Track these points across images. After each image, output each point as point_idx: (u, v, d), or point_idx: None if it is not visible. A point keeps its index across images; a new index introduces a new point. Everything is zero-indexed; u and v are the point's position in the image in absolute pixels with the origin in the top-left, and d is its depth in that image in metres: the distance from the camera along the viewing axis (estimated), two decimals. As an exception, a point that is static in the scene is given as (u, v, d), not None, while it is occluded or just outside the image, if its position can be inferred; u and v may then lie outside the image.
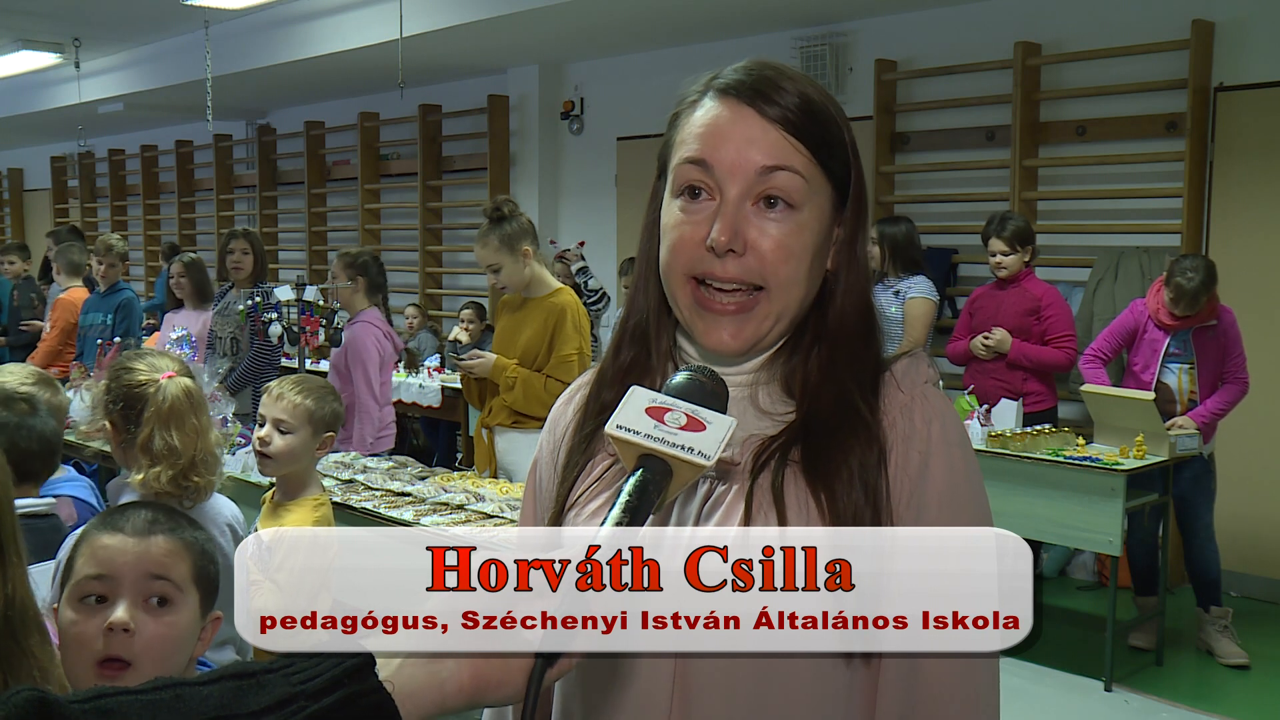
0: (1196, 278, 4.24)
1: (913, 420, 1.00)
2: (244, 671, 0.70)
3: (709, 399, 0.90)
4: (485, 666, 0.76)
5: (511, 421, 3.96)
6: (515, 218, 3.88)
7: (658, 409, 0.88)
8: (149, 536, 1.45)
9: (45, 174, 13.99)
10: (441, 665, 0.74)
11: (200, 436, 2.13)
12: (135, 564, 1.42)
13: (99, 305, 6.16)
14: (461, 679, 0.75)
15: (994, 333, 4.75)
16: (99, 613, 1.39)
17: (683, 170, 1.02)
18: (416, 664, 0.74)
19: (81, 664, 1.38)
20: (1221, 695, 4.17)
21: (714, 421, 0.87)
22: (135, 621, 1.39)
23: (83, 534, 1.50)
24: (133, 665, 1.38)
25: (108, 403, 2.19)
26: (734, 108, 1.01)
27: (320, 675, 0.70)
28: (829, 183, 1.02)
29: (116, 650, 1.38)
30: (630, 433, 0.86)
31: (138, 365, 2.17)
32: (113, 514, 1.53)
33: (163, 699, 0.67)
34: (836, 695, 0.96)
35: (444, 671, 0.74)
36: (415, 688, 0.73)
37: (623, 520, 0.81)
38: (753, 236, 0.99)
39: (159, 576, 1.43)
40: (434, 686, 0.74)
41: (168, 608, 1.43)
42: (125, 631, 1.38)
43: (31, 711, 0.64)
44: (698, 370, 0.93)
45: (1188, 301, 4.26)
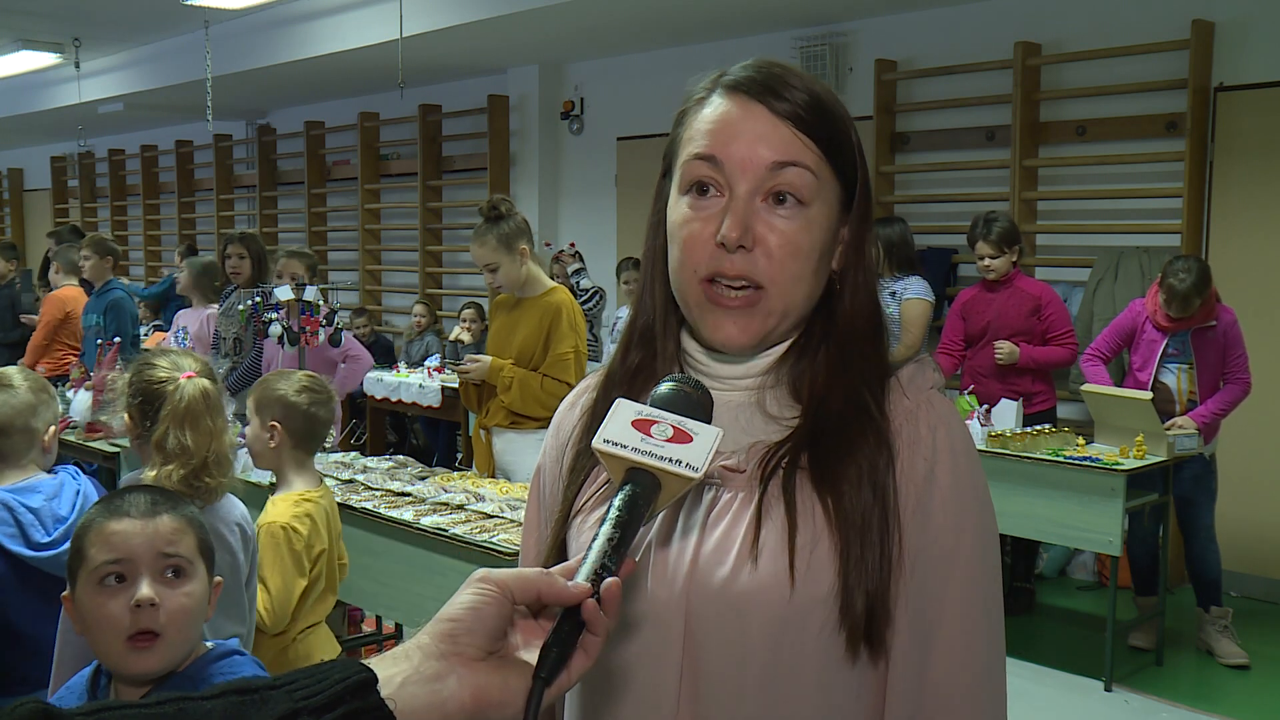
0: (1189, 279, 4.24)
1: (918, 427, 0.99)
2: (247, 687, 0.70)
3: (695, 409, 0.90)
4: (487, 686, 0.76)
5: (509, 422, 3.96)
6: (511, 217, 3.88)
7: (644, 421, 0.88)
8: (155, 517, 1.56)
9: (45, 174, 13.99)
10: (443, 684, 0.74)
11: (214, 438, 2.15)
12: (148, 544, 1.53)
13: (93, 306, 6.16)
14: (463, 698, 0.75)
15: (1000, 347, 4.71)
16: (121, 592, 1.51)
17: (691, 166, 1.01)
18: (418, 682, 0.74)
19: (113, 641, 1.50)
20: (1221, 695, 4.17)
21: (701, 433, 0.87)
22: (159, 595, 1.51)
23: (87, 523, 1.57)
24: (161, 635, 1.51)
25: (129, 395, 2.23)
26: (744, 104, 1.00)
27: (322, 692, 0.70)
28: (837, 181, 1.02)
29: (145, 624, 1.50)
30: (617, 446, 0.86)
31: (160, 362, 2.20)
32: (112, 501, 1.59)
33: (166, 713, 0.67)
34: (844, 696, 0.96)
35: (445, 690, 0.74)
36: (417, 706, 0.73)
37: (614, 536, 0.82)
38: (761, 232, 0.98)
39: (171, 553, 1.54)
40: (435, 705, 0.74)
41: (183, 578, 1.55)
42: (152, 606, 1.50)
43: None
44: (683, 381, 0.93)
45: (1179, 303, 4.26)
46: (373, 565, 3.36)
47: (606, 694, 1.00)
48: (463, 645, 0.76)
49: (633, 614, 0.98)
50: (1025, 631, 4.75)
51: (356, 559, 3.33)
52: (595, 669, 0.81)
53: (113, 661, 1.53)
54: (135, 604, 1.49)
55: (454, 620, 0.76)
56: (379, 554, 3.35)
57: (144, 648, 1.50)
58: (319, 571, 2.62)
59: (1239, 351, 4.42)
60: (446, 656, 0.75)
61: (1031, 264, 5.94)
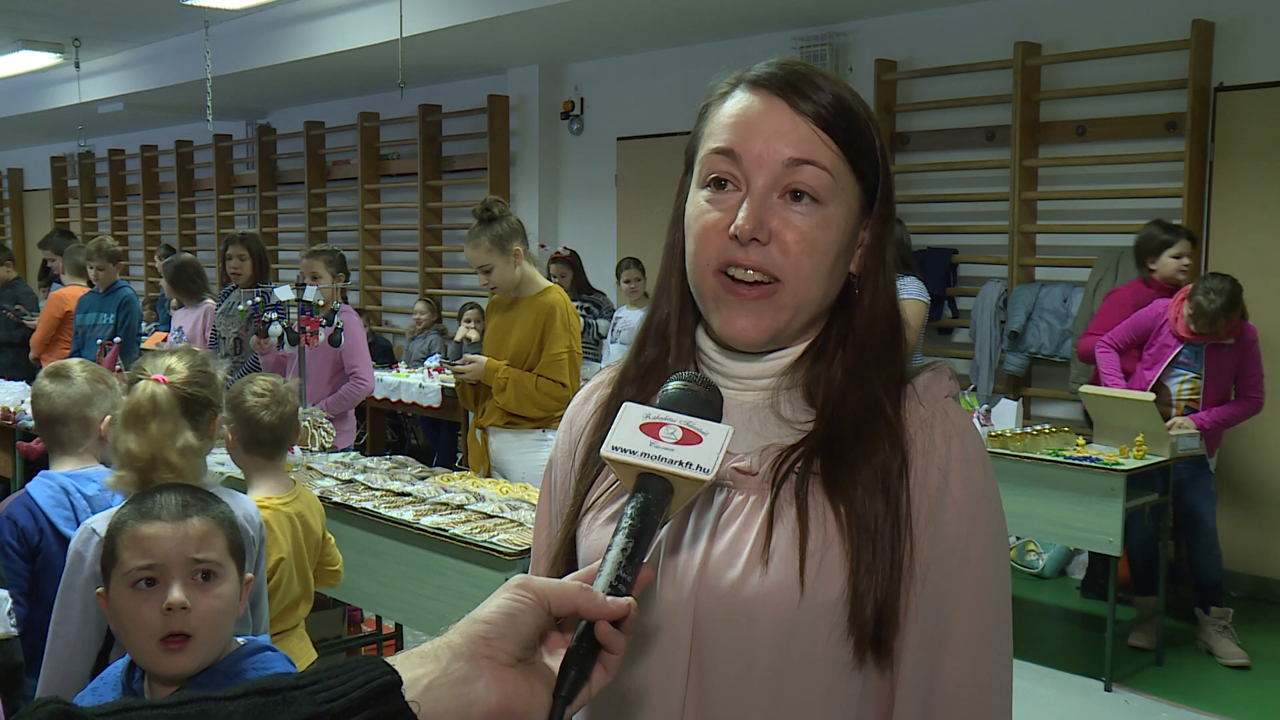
0: (1219, 301, 4.20)
1: (933, 436, 0.99)
2: (270, 687, 0.69)
3: (703, 408, 0.89)
4: (514, 694, 0.75)
5: (504, 422, 3.97)
6: (505, 218, 3.90)
7: (652, 424, 0.86)
8: (185, 519, 1.57)
9: (45, 174, 13.99)
10: (470, 688, 0.73)
11: (160, 443, 2.01)
12: (179, 548, 1.55)
13: (99, 305, 6.17)
14: (489, 703, 0.74)
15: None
16: (153, 595, 1.53)
17: (710, 160, 1.01)
18: (444, 686, 0.72)
19: (145, 642, 1.53)
20: (1221, 695, 4.17)
21: (710, 432, 0.86)
22: (190, 599, 1.53)
23: (119, 524, 1.58)
24: (192, 637, 1.53)
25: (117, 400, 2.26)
26: (766, 99, 1.00)
27: (346, 695, 0.69)
28: (858, 183, 1.02)
29: (176, 626, 1.52)
30: (626, 453, 0.85)
31: (144, 365, 2.16)
32: (144, 502, 1.60)
33: (188, 714, 0.67)
34: (850, 703, 0.96)
35: (472, 694, 0.73)
36: (442, 710, 0.72)
37: (628, 546, 0.81)
38: (777, 227, 0.98)
39: (202, 557, 1.56)
40: (461, 709, 0.73)
41: (213, 581, 1.57)
42: (183, 609, 1.52)
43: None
44: (690, 379, 0.92)
45: (1205, 321, 4.23)
46: (373, 565, 3.36)
47: (614, 696, 1.00)
48: (495, 649, 0.75)
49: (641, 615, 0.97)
50: (1025, 631, 4.75)
51: (356, 559, 3.33)
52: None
53: (146, 661, 1.56)
54: (166, 608, 1.51)
55: (489, 623, 0.76)
56: (379, 554, 3.35)
57: (176, 649, 1.52)
58: (279, 580, 2.59)
59: (1256, 369, 4.40)
60: (477, 659, 0.74)
61: (1031, 264, 5.94)
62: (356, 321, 4.94)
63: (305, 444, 4.04)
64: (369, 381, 4.84)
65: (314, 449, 4.06)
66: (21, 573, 2.33)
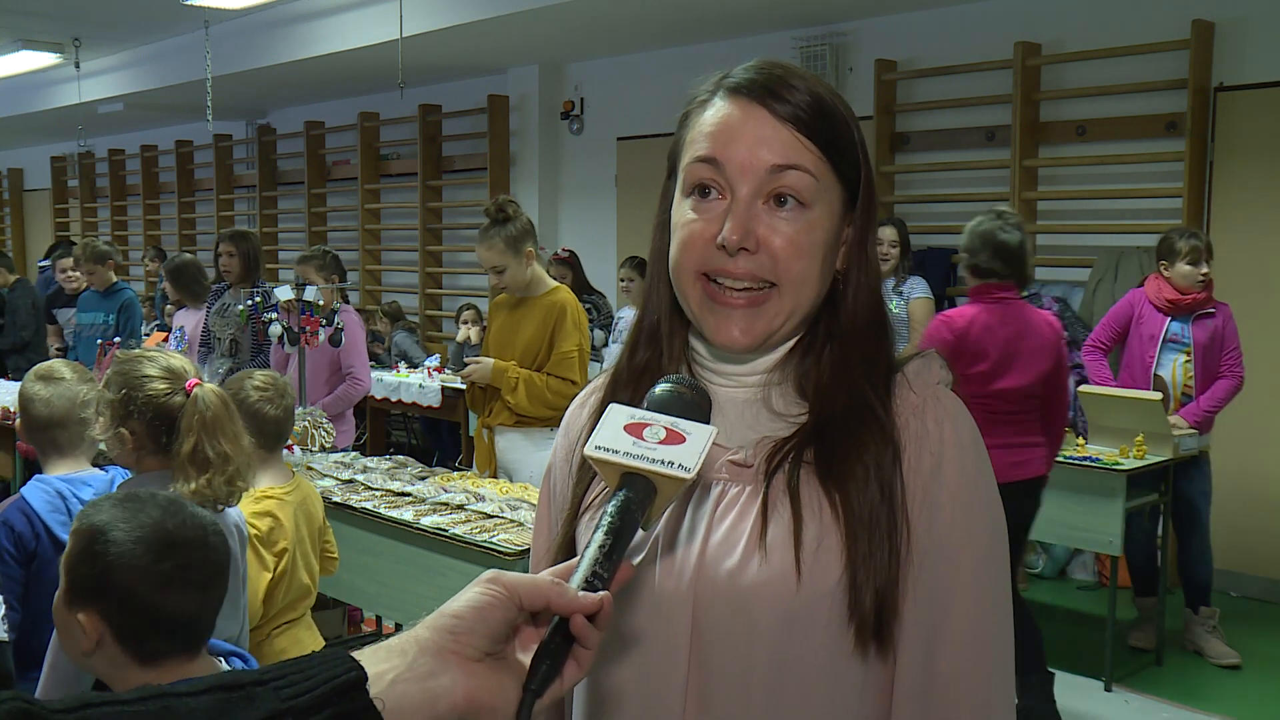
0: (1202, 238, 4.35)
1: (925, 422, 1.00)
2: (233, 683, 0.69)
3: (689, 410, 0.90)
4: (481, 688, 0.75)
5: (514, 422, 3.96)
6: (518, 218, 3.88)
7: (636, 425, 0.87)
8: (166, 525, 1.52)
9: (45, 174, 13.99)
10: (436, 681, 0.73)
11: (239, 441, 2.12)
12: None
13: (99, 305, 6.17)
14: (455, 697, 0.74)
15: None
16: None
17: (693, 169, 1.02)
18: (410, 680, 0.72)
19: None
20: (1221, 695, 4.17)
21: (694, 433, 0.87)
22: None
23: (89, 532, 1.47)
24: None
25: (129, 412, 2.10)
26: (745, 106, 1.00)
27: (310, 691, 0.69)
28: (839, 182, 1.02)
29: None
30: (608, 452, 0.86)
31: (151, 372, 2.11)
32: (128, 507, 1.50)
33: (149, 710, 0.66)
34: (850, 690, 0.97)
35: (439, 687, 0.73)
36: (407, 705, 0.72)
37: (605, 543, 0.81)
38: (764, 234, 0.99)
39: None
40: (427, 703, 0.73)
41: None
42: None
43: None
44: (678, 381, 0.93)
45: (1193, 256, 4.30)
46: (372, 565, 3.36)
47: (615, 686, 1.00)
48: (463, 644, 0.75)
49: (640, 607, 0.98)
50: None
51: (356, 559, 3.33)
52: (604, 662, 0.80)
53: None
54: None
55: (457, 617, 0.76)
56: (379, 554, 3.35)
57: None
58: (285, 567, 2.61)
59: (1234, 344, 4.44)
60: (444, 653, 0.74)
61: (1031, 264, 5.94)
62: (356, 322, 4.95)
63: (305, 444, 4.04)
64: (366, 382, 4.84)
65: (314, 449, 4.06)
66: (16, 578, 2.30)
